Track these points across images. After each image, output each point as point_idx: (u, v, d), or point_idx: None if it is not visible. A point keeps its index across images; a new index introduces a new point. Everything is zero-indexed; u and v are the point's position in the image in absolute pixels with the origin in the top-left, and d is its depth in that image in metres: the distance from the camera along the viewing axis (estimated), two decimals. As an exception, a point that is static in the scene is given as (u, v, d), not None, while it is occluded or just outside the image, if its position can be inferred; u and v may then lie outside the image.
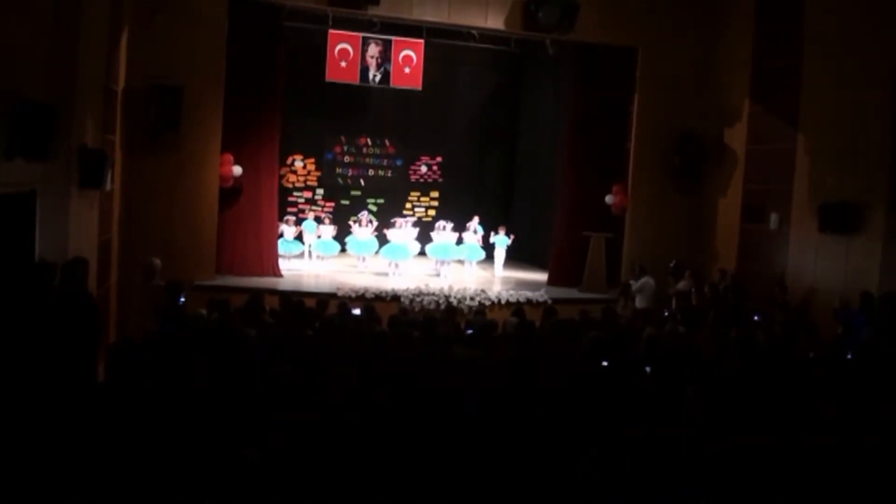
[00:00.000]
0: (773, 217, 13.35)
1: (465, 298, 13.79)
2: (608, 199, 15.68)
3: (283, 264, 16.22)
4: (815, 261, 12.54)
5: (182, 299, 9.51)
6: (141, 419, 4.91)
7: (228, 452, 4.23)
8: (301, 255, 16.70)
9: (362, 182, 20.77)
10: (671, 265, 13.55)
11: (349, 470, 4.18)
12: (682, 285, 13.04)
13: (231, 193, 14.70)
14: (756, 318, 10.91)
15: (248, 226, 14.96)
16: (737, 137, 14.58)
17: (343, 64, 17.24)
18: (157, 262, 10.01)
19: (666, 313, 11.80)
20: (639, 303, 13.12)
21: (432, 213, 20.80)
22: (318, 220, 17.27)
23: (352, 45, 17.10)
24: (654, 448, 4.74)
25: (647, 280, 13.15)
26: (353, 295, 13.40)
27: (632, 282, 13.59)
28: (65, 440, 4.45)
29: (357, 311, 10.21)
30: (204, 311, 8.94)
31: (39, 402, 5.00)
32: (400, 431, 4.60)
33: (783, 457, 4.82)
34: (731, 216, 14.58)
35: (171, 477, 4.05)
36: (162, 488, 3.98)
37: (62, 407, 5.07)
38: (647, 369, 7.45)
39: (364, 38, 17.09)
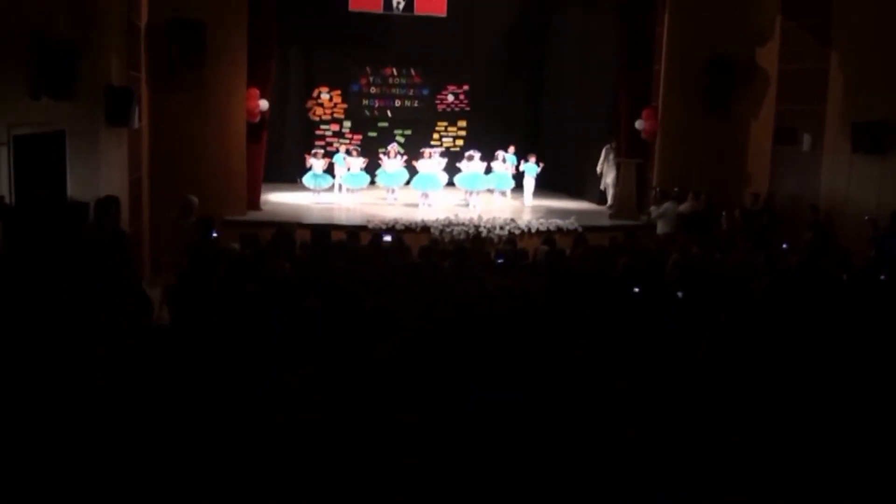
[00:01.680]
0: (806, 138, 13.07)
1: (494, 228, 13.75)
2: (638, 124, 15.44)
3: (313, 198, 16.27)
4: (847, 182, 12.31)
5: (214, 234, 9.57)
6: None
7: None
8: (330, 189, 16.70)
9: (389, 113, 20.63)
10: (675, 189, 13.39)
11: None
12: (683, 207, 12.95)
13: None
14: (784, 245, 10.79)
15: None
16: (769, 57, 14.21)
17: (367, -8, 16.98)
18: (195, 199, 10.06)
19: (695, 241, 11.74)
20: (660, 228, 13.06)
21: (460, 142, 20.64)
22: (347, 152, 17.21)
23: (374, -27, 16.81)
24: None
25: (668, 205, 13.05)
26: (384, 227, 13.41)
27: (653, 208, 13.50)
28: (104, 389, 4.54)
29: (388, 238, 10.23)
30: (237, 246, 9.01)
31: (77, 340, 5.07)
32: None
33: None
34: (763, 138, 14.31)
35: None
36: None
37: (99, 346, 5.14)
38: (679, 294, 7.43)
39: (387, -36, 16.80)
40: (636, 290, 7.45)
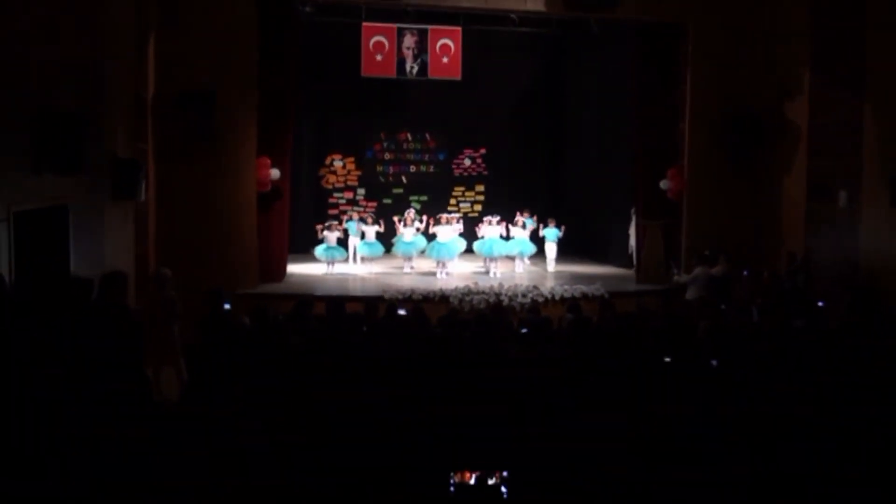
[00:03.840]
0: (842, 194, 12.97)
1: (516, 296, 13.67)
2: (663, 184, 15.42)
3: (326, 269, 16.25)
4: (889, 238, 12.17)
5: (227, 306, 9.55)
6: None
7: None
8: (345, 260, 16.70)
9: (404, 179, 20.77)
10: (706, 252, 13.30)
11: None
12: (716, 271, 12.83)
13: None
14: (820, 304, 10.61)
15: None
16: (798, 111, 14.19)
17: (379, 58, 17.19)
18: (168, 271, 10.11)
19: (723, 305, 11.61)
20: (690, 294, 12.91)
21: (478, 207, 20.72)
22: (362, 219, 17.26)
23: (387, 38, 17.04)
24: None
25: (698, 271, 12.93)
26: (401, 297, 13.35)
27: (676, 276, 13.39)
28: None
29: (403, 312, 10.17)
30: (248, 320, 8.98)
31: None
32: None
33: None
34: (797, 196, 14.21)
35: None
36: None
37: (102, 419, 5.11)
38: (714, 363, 7.29)
39: (399, 28, 17.02)
40: (667, 359, 7.32)
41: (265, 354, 7.17)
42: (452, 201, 20.83)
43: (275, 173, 14.53)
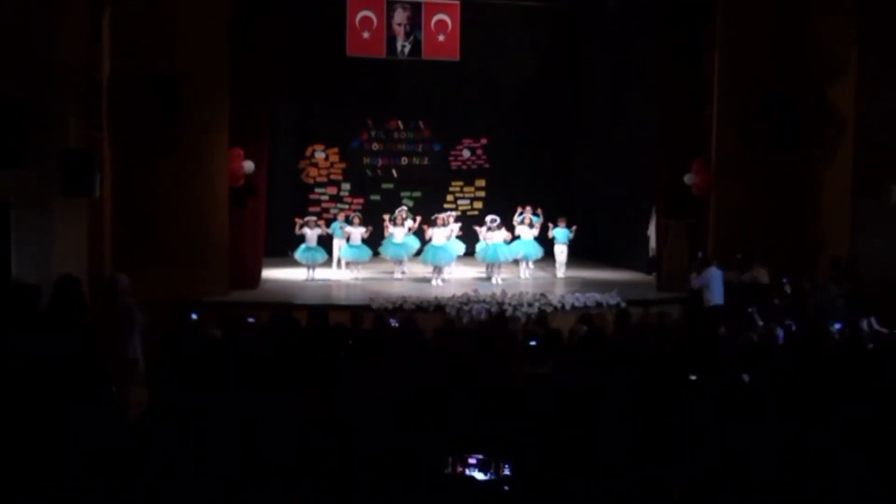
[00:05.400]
0: (893, 189, 12.95)
1: (522, 305, 13.61)
2: (688, 178, 15.36)
3: (307, 274, 16.18)
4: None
5: (194, 317, 9.51)
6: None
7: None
8: (327, 263, 16.62)
9: (395, 173, 20.72)
10: (738, 256, 13.26)
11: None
12: (746, 276, 12.82)
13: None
14: (866, 321, 10.58)
15: None
16: (844, 96, 14.16)
17: (366, 35, 17.16)
18: (124, 276, 10.07)
19: (750, 309, 11.60)
20: (708, 300, 12.89)
21: (479, 205, 20.68)
22: (347, 220, 17.15)
23: (375, 12, 17.01)
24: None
25: (710, 272, 12.94)
26: (390, 306, 13.29)
27: (693, 275, 13.37)
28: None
29: (394, 323, 10.14)
30: (218, 332, 8.93)
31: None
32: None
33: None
34: (840, 191, 14.17)
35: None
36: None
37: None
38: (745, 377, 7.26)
39: (389, 2, 16.99)
40: (693, 377, 7.29)
41: (237, 370, 7.14)
42: (449, 198, 20.80)
43: (248, 166, 14.48)
